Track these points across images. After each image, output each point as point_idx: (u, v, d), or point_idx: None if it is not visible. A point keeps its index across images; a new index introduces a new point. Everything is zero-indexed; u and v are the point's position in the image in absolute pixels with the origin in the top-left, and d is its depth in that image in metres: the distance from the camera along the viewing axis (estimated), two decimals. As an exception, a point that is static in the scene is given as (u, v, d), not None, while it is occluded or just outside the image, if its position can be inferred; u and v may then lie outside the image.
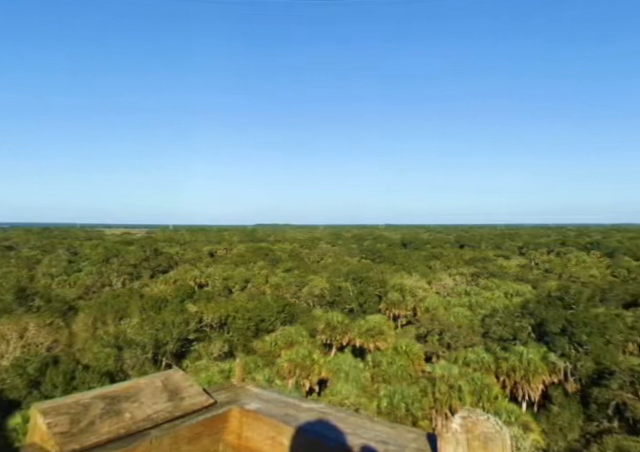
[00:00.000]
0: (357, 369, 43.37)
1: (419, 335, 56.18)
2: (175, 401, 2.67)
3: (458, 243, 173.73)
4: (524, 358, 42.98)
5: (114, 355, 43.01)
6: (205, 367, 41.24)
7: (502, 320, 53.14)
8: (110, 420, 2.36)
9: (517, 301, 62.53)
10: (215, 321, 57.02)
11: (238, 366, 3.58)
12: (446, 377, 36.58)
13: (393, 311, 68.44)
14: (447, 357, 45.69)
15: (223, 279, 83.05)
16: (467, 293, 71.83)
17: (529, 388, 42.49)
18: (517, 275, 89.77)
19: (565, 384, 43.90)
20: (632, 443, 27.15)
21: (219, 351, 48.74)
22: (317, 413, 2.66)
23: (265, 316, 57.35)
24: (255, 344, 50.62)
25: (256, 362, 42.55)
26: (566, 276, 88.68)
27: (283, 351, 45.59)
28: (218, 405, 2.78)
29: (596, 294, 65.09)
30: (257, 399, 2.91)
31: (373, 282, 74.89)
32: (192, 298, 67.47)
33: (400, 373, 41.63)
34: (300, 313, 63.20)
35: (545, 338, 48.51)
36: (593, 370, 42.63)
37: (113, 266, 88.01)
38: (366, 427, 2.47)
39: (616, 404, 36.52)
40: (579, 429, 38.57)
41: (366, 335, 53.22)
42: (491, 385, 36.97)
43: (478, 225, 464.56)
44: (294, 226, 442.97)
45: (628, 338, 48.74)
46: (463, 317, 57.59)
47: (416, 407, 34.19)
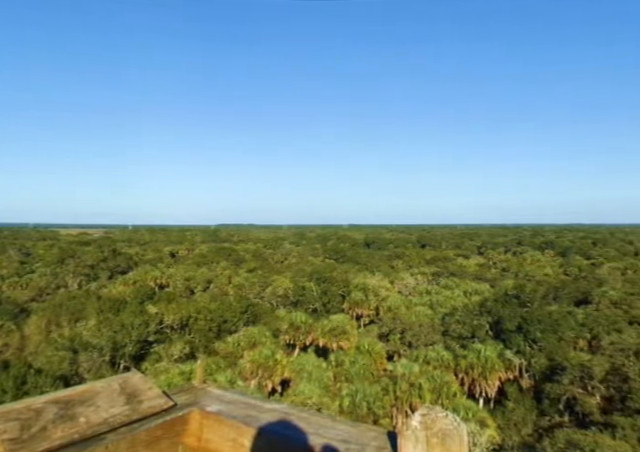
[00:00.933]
0: (320, 369, 43.45)
1: (381, 334, 56.85)
2: (133, 404, 2.60)
3: (420, 243, 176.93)
4: (482, 355, 44.21)
5: (69, 358, 41.52)
6: (165, 369, 40.43)
7: (461, 318, 54.45)
8: (64, 425, 2.28)
9: (476, 300, 64.22)
10: (176, 322, 55.91)
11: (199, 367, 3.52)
12: (407, 375, 37.16)
13: (356, 310, 68.92)
14: (408, 355, 46.44)
15: (185, 280, 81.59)
16: (428, 292, 73.17)
17: (486, 385, 43.72)
18: (476, 274, 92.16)
19: (520, 380, 45.40)
20: (581, 436, 28.29)
21: (180, 353, 47.80)
22: (279, 414, 2.65)
23: (228, 317, 56.68)
24: (217, 345, 49.95)
25: (218, 363, 42.02)
26: (522, 275, 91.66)
27: (246, 352, 45.19)
28: (178, 407, 2.72)
29: (550, 292, 67.66)
30: (218, 401, 2.86)
31: (337, 282, 75.20)
32: (152, 299, 65.93)
33: (362, 372, 42.00)
34: (263, 313, 62.79)
35: (502, 335, 50.04)
36: (546, 366, 44.25)
37: (69, 267, 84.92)
38: (328, 426, 2.47)
39: (567, 399, 38.01)
40: (532, 424, 39.92)
41: (329, 335, 53.38)
42: (450, 382, 37.84)
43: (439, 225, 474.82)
44: (258, 226, 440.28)
45: (579, 335, 50.85)
46: (424, 316, 58.64)
47: (377, 405, 34.60)
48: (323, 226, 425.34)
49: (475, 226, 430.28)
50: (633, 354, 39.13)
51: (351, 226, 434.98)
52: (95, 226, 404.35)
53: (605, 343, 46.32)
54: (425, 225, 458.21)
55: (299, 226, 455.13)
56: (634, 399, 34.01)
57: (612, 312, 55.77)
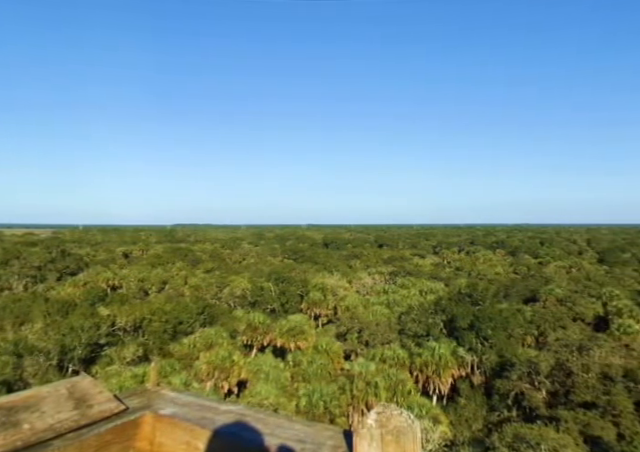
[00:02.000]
0: (277, 369, 43.37)
1: (339, 333, 57.27)
2: (82, 409, 2.51)
3: (377, 243, 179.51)
4: (436, 353, 45.32)
5: (12, 363, 39.51)
6: (117, 372, 39.25)
7: (417, 317, 55.63)
8: (5, 432, 2.17)
9: (431, 298, 65.77)
10: (129, 324, 54.31)
11: (153, 370, 3.44)
12: (364, 374, 37.60)
13: (314, 310, 69.11)
14: (365, 354, 46.98)
15: (139, 281, 79.40)
16: (385, 291, 74.26)
17: (440, 382, 44.86)
18: (431, 273, 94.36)
19: (472, 377, 46.86)
20: (527, 430, 29.45)
21: (133, 355, 46.47)
22: (235, 415, 2.63)
23: (183, 318, 55.60)
24: (172, 347, 48.92)
25: (173, 365, 41.21)
26: (475, 274, 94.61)
27: (202, 353, 44.46)
28: (130, 411, 2.65)
29: (500, 290, 70.21)
30: (172, 403, 2.81)
31: (295, 282, 75.22)
32: (104, 301, 63.88)
33: (320, 372, 42.19)
34: (221, 314, 62.04)
35: (455, 333, 51.48)
36: (496, 362, 45.87)
37: (13, 268, 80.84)
38: (284, 427, 2.47)
39: (515, 394, 39.50)
40: (482, 419, 41.26)
41: (287, 335, 53.29)
42: (405, 380, 38.57)
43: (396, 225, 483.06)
44: (215, 226, 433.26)
45: (527, 331, 53.03)
46: (381, 315, 59.48)
47: (334, 405, 34.86)
48: (282, 226, 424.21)
49: (430, 226, 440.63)
50: (576, 349, 41.15)
51: (310, 226, 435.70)
52: (43, 226, 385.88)
53: (551, 339, 48.54)
54: (383, 225, 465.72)
55: (258, 226, 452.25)
56: (577, 393, 35.75)
57: (558, 309, 58.47)
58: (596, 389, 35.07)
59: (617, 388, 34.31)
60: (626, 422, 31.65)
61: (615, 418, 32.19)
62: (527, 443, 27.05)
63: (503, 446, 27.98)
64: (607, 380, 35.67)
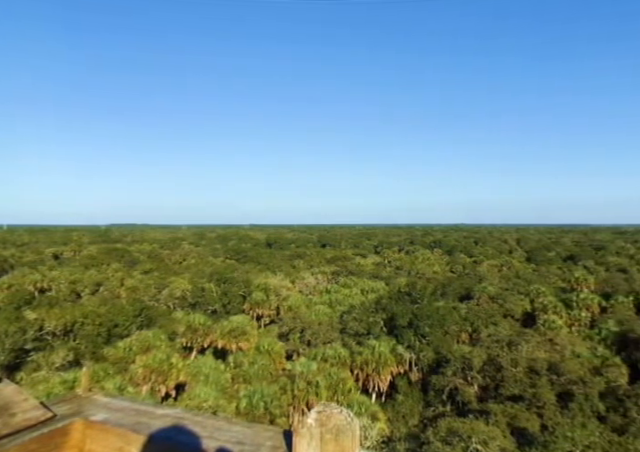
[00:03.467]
0: (218, 371, 42.75)
1: (281, 334, 57.18)
2: (4, 418, 2.36)
3: (320, 243, 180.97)
4: (376, 351, 46.31)
5: None
6: (44, 378, 37.16)
7: (358, 316, 56.54)
8: None
9: (372, 297, 67.09)
10: (59, 328, 51.53)
11: (84, 375, 3.29)
12: (305, 374, 37.76)
13: (257, 311, 68.63)
14: (307, 354, 47.20)
15: (70, 283, 75.52)
16: (328, 291, 74.95)
17: (379, 379, 45.88)
18: (372, 273, 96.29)
19: (410, 373, 48.25)
20: (460, 424, 30.73)
21: (62, 360, 44.10)
22: (172, 419, 2.57)
23: (119, 321, 53.46)
24: (106, 351, 46.90)
25: (106, 370, 39.59)
26: (414, 273, 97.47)
27: (138, 357, 42.92)
28: (58, 419, 2.52)
29: (438, 289, 72.67)
30: (105, 409, 2.70)
31: (237, 282, 74.38)
32: (31, 304, 60.32)
33: (261, 372, 41.97)
34: (159, 316, 60.27)
35: (395, 331, 52.81)
36: (433, 359, 47.51)
37: None
38: (223, 429, 2.45)
39: (450, 389, 41.08)
40: (419, 415, 42.60)
41: (229, 336, 52.57)
42: (346, 379, 39.11)
43: (339, 225, 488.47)
44: (154, 226, 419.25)
45: (462, 328, 55.31)
46: (323, 314, 59.99)
47: (275, 405, 34.79)
48: (224, 226, 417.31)
49: (372, 226, 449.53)
50: (506, 345, 43.43)
51: (253, 226, 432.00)
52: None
53: (483, 335, 50.89)
54: (326, 225, 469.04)
55: (199, 226, 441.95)
56: (506, 387, 37.74)
57: (490, 306, 61.43)
58: (523, 382, 37.15)
59: (542, 381, 36.54)
60: (549, 413, 33.79)
61: (539, 410, 34.28)
62: (459, 437, 28.19)
63: (437, 440, 28.98)
64: (533, 374, 37.90)
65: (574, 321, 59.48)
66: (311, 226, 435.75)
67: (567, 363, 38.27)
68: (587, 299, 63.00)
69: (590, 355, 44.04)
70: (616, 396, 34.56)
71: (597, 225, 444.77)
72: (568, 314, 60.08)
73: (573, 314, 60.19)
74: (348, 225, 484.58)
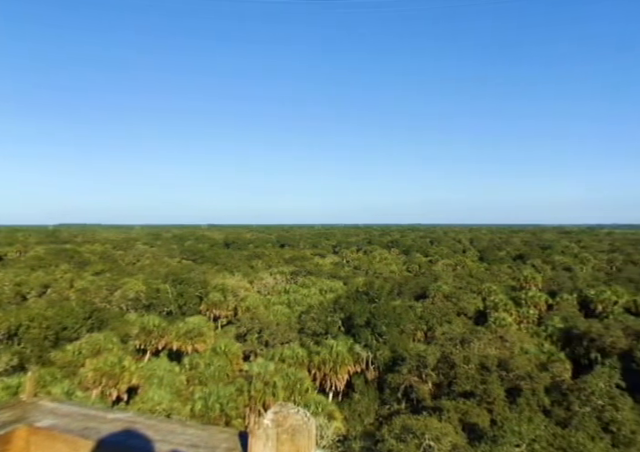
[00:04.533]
0: (172, 373, 41.97)
1: (239, 334, 56.65)
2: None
3: (279, 243, 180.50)
4: (334, 351, 46.61)
5: None
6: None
7: (317, 316, 56.75)
8: None
9: (330, 297, 67.48)
10: (2, 332, 49.01)
11: (29, 380, 3.15)
12: (262, 374, 37.57)
13: (214, 312, 67.71)
14: (265, 355, 46.97)
15: (15, 285, 72.06)
16: (286, 291, 74.84)
17: (336, 379, 46.21)
18: (331, 272, 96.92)
19: (366, 372, 48.84)
20: (414, 421, 31.34)
21: (6, 365, 42.11)
22: (124, 423, 2.50)
23: (68, 323, 51.49)
24: (54, 355, 45.07)
25: (54, 374, 38.16)
26: (372, 272, 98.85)
27: (88, 360, 41.46)
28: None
29: (395, 288, 74.01)
30: (52, 415, 2.60)
31: (194, 283, 73.17)
32: (-29, 306, 56.89)
33: (217, 374, 41.45)
34: (111, 318, 58.49)
35: (352, 330, 53.32)
36: (389, 358, 48.29)
37: None
38: (177, 432, 2.41)
39: (405, 387, 41.87)
40: (374, 413, 43.21)
41: (184, 337, 51.62)
42: (303, 379, 39.16)
43: (298, 225, 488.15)
44: (106, 226, 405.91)
45: (417, 327, 56.53)
46: (282, 315, 59.87)
47: (231, 407, 34.44)
48: (180, 226, 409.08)
49: (331, 226, 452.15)
50: (459, 342, 44.70)
51: (210, 226, 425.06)
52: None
53: (438, 333, 52.18)
54: (285, 225, 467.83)
55: (154, 226, 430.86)
56: (458, 383, 38.81)
57: (444, 305, 63.04)
58: (475, 379, 38.33)
59: (492, 377, 37.83)
60: (498, 408, 35.04)
61: (489, 405, 35.48)
62: (413, 434, 28.77)
63: (392, 438, 29.46)
64: (484, 370, 39.17)
65: (523, 318, 61.93)
66: (270, 226, 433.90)
67: (516, 359, 39.76)
68: (535, 297, 65.77)
69: (537, 351, 45.98)
70: (560, 390, 36.23)
71: (544, 225, 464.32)
72: (517, 312, 62.48)
73: (522, 312, 62.65)
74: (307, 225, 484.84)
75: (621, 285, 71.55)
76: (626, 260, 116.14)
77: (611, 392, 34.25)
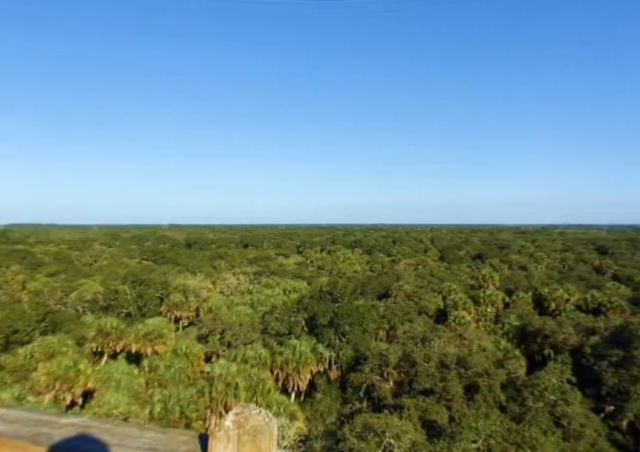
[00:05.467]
0: (131, 376, 41.12)
1: (201, 336, 55.89)
2: None
3: (242, 243, 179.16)
4: (297, 351, 46.65)
5: None
6: None
7: (280, 316, 56.60)
8: None
9: (294, 297, 67.45)
10: (-52, 336, 46.50)
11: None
12: (224, 375, 37.21)
13: (175, 313, 66.59)
14: (227, 356, 46.51)
15: (-39, 286, 68.51)
16: (250, 291, 74.36)
17: (299, 379, 46.26)
18: (295, 272, 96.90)
19: (329, 372, 49.12)
20: (375, 420, 31.73)
21: (-48, 371, 39.83)
22: (78, 428, 2.42)
23: (19, 326, 49.51)
24: (4, 359, 43.19)
25: (3, 379, 36.66)
26: (335, 272, 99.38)
27: (41, 364, 39.99)
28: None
29: (358, 288, 74.67)
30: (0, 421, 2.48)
31: (154, 284, 71.71)
32: None
33: (178, 376, 40.80)
34: (66, 321, 56.61)
35: (316, 330, 53.47)
36: (352, 357, 48.71)
37: None
38: (134, 436, 2.35)
39: (367, 386, 42.34)
40: (337, 412, 43.50)
41: (144, 339, 50.53)
42: (266, 379, 39.02)
43: (261, 225, 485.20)
44: (61, 226, 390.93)
45: (380, 326, 57.26)
46: (245, 315, 59.43)
47: (191, 409, 33.97)
48: (140, 226, 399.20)
49: (295, 226, 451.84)
50: (420, 341, 45.54)
51: (171, 226, 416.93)
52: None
53: (400, 332, 53.06)
54: (248, 225, 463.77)
55: (112, 226, 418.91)
56: (419, 381, 39.59)
57: (406, 304, 64.12)
58: (434, 377, 39.20)
59: (451, 375, 38.77)
60: (457, 405, 35.94)
61: (448, 402, 36.35)
62: (374, 432, 29.11)
63: (353, 437, 29.71)
64: (444, 368, 40.12)
65: (481, 316, 63.79)
66: (233, 226, 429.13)
67: (474, 357, 40.89)
68: (492, 295, 67.85)
69: (494, 348, 47.45)
70: (515, 387, 37.51)
71: (501, 225, 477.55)
72: (476, 310, 64.30)
73: (480, 310, 64.52)
74: (271, 225, 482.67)
75: (573, 283, 74.82)
76: (577, 259, 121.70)
77: (563, 387, 35.75)
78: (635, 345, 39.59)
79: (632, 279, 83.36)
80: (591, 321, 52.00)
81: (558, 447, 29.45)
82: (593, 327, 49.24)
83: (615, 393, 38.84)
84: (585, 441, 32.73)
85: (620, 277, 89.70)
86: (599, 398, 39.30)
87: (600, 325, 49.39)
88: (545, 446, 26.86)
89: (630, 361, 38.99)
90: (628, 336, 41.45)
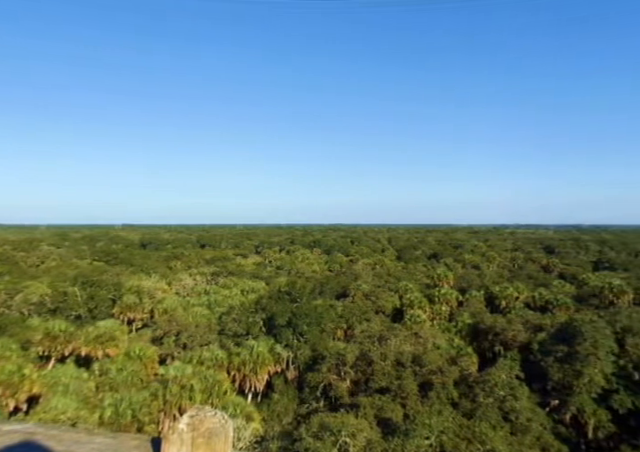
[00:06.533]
0: (80, 380, 39.76)
1: (155, 338, 54.58)
2: None
3: (199, 243, 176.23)
4: (254, 351, 46.32)
5: None
6: None
7: (238, 317, 56.00)
8: None
9: (252, 298, 66.89)
10: None
11: None
12: (179, 378, 36.53)
13: (128, 315, 64.73)
14: (182, 357, 45.61)
15: None
16: (207, 292, 73.26)
17: (256, 380, 45.96)
18: (253, 273, 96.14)
19: (286, 372, 49.05)
20: (331, 419, 31.91)
21: None
22: (21, 435, 2.34)
23: (-42, 330, 46.54)
24: (-59, 365, 40.52)
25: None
26: (294, 272, 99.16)
27: (-18, 370, 37.82)
28: None
29: (316, 288, 74.79)
30: None
31: (106, 285, 69.57)
32: None
33: (130, 379, 39.75)
34: (10, 324, 54.19)
35: (274, 331, 53.25)
36: (310, 357, 48.81)
37: None
38: (82, 442, 2.29)
39: (324, 385, 42.52)
40: (293, 412, 43.50)
41: (95, 342, 48.89)
42: (222, 381, 38.58)
43: (219, 225, 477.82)
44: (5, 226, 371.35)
45: (338, 325, 57.64)
46: (201, 316, 58.48)
47: (144, 412, 33.18)
48: (92, 226, 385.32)
49: (253, 226, 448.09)
50: (377, 340, 46.15)
51: (125, 226, 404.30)
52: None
53: (357, 331, 53.58)
54: (206, 225, 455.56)
55: (61, 226, 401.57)
56: (375, 380, 40.12)
57: (364, 303, 64.83)
58: (390, 375, 39.83)
59: (407, 373, 39.52)
60: (411, 403, 36.68)
61: (403, 400, 37.06)
62: (330, 431, 29.29)
63: (309, 436, 29.79)
64: (399, 366, 40.84)
65: (436, 315, 65.37)
66: (190, 226, 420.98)
67: (429, 355, 41.81)
68: (447, 294, 69.65)
69: (448, 346, 48.71)
70: (467, 383, 38.65)
71: (456, 225, 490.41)
72: (431, 308, 65.80)
73: (435, 308, 66.09)
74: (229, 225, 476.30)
75: (522, 282, 77.96)
76: (526, 258, 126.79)
77: (512, 383, 37.15)
78: (578, 341, 41.57)
79: (576, 277, 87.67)
80: (538, 318, 54.21)
81: (506, 441, 30.54)
82: (540, 324, 51.38)
83: (560, 388, 40.70)
84: (531, 435, 34.13)
85: (565, 275, 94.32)
86: (545, 393, 41.03)
87: (547, 322, 51.59)
88: (494, 441, 27.81)
89: (574, 356, 40.95)
90: (572, 332, 43.50)
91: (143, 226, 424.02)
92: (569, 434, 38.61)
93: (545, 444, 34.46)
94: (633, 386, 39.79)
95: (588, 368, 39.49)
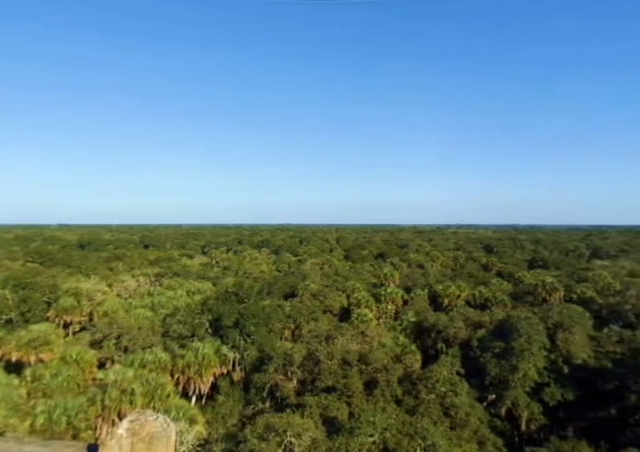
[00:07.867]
0: (9, 386, 37.59)
1: (94, 341, 52.22)
2: None
3: (143, 243, 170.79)
4: (199, 353, 45.35)
5: None
6: None
7: (183, 318, 54.64)
8: None
9: (198, 299, 65.54)
10: None
11: None
12: (119, 382, 35.23)
13: (65, 318, 61.86)
14: (123, 361, 43.98)
15: None
16: (150, 294, 71.12)
17: (201, 382, 45.04)
18: (199, 273, 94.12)
19: (232, 373, 48.38)
20: (277, 419, 31.66)
21: None
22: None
23: None
24: None
25: None
26: (242, 272, 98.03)
27: None
28: None
29: (264, 288, 74.21)
30: None
31: (41, 288, 66.42)
32: None
33: (66, 384, 38.00)
34: None
35: (220, 332, 52.30)
36: (257, 358, 48.38)
37: None
38: (12, 451, 2.19)
39: (270, 386, 42.26)
40: (239, 414, 42.92)
41: (27, 347, 46.41)
42: (165, 384, 37.52)
43: (164, 225, 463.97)
44: None
45: (285, 325, 57.50)
46: (144, 318, 56.78)
47: (80, 418, 31.83)
48: (24, 226, 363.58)
49: (200, 226, 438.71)
50: (325, 339, 46.41)
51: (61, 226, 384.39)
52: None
53: (305, 331, 53.70)
54: (149, 225, 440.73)
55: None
56: (322, 379, 40.27)
57: (312, 303, 65.05)
58: (337, 374, 40.15)
59: (353, 371, 40.00)
60: (357, 401, 37.19)
61: (349, 398, 37.51)
62: (275, 432, 29.15)
63: (254, 438, 29.50)
64: (346, 365, 41.24)
65: (382, 314, 66.65)
66: (133, 226, 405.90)
67: (374, 353, 42.48)
68: (393, 293, 71.18)
69: (393, 344, 49.77)
70: (411, 380, 39.62)
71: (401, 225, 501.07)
72: (377, 307, 67.00)
73: (381, 307, 67.37)
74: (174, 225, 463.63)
75: (463, 280, 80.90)
76: (467, 257, 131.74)
77: (452, 379, 38.48)
78: (514, 337, 43.67)
79: (513, 275, 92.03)
80: (478, 315, 56.42)
81: (446, 436, 31.58)
82: (480, 321, 53.53)
83: (497, 382, 42.60)
84: (469, 429, 35.53)
85: (503, 273, 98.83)
86: (483, 388, 42.79)
87: (486, 319, 53.81)
88: (435, 436, 28.65)
89: (510, 352, 42.97)
90: (509, 329, 45.64)
91: (81, 226, 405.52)
92: (504, 427, 40.46)
93: (482, 437, 35.94)
94: (562, 379, 42.31)
95: (523, 363, 41.57)
